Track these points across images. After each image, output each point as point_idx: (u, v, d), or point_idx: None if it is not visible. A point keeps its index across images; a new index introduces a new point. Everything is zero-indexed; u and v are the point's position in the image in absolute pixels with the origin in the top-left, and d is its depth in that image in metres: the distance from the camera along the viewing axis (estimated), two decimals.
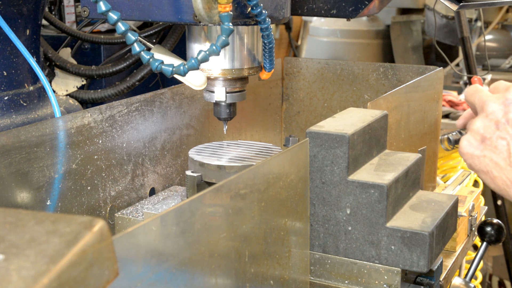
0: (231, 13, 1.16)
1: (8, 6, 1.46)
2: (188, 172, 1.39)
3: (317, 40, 4.49)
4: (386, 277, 1.17)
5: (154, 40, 2.16)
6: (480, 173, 1.16)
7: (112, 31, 2.31)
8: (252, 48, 1.38)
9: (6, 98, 1.50)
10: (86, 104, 2.06)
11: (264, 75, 1.42)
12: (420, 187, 1.33)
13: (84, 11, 1.29)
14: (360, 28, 4.40)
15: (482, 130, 1.12)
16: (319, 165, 1.19)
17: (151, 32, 2.11)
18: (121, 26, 1.12)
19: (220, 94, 1.39)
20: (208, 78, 1.37)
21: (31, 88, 1.57)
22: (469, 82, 3.00)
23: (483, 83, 3.69)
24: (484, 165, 1.12)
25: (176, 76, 1.22)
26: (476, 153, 1.13)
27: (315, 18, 4.49)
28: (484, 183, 1.23)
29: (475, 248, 1.83)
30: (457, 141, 1.35)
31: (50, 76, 2.02)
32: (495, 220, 1.55)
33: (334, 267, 1.22)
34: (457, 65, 4.07)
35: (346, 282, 1.21)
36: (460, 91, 3.85)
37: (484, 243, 1.54)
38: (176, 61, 1.28)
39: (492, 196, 3.03)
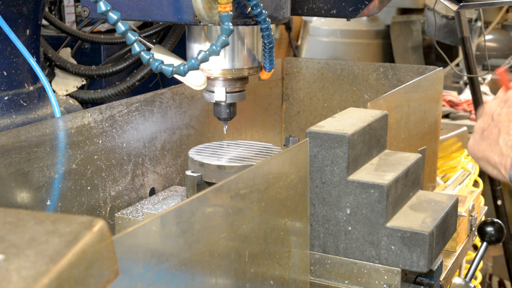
0: (231, 13, 1.16)
1: (8, 6, 1.46)
2: (188, 172, 1.39)
3: (317, 40, 4.49)
4: (386, 277, 1.17)
5: (154, 40, 2.16)
6: (482, 162, 1.24)
7: (112, 31, 2.31)
8: (252, 48, 1.38)
9: (6, 98, 1.50)
10: (86, 104, 2.06)
11: (264, 75, 1.42)
12: (420, 187, 1.33)
13: (84, 11, 1.29)
14: (360, 28, 4.40)
15: (482, 125, 1.23)
16: (319, 165, 1.19)
17: (151, 32, 2.11)
18: (121, 26, 1.12)
19: (220, 94, 1.39)
20: (208, 78, 1.37)
21: (31, 88, 1.57)
22: (469, 82, 2.99)
23: (483, 82, 3.69)
24: (483, 154, 1.21)
25: (176, 76, 1.22)
26: (477, 145, 1.23)
27: (315, 18, 4.49)
28: (489, 177, 1.36)
29: (475, 248, 1.83)
30: None
31: (50, 76, 2.01)
32: (495, 220, 1.55)
33: (334, 267, 1.22)
34: (457, 65, 4.07)
35: (346, 282, 1.21)
36: (460, 91, 3.85)
37: (484, 243, 1.54)
38: (176, 61, 1.28)
39: (492, 196, 3.03)
